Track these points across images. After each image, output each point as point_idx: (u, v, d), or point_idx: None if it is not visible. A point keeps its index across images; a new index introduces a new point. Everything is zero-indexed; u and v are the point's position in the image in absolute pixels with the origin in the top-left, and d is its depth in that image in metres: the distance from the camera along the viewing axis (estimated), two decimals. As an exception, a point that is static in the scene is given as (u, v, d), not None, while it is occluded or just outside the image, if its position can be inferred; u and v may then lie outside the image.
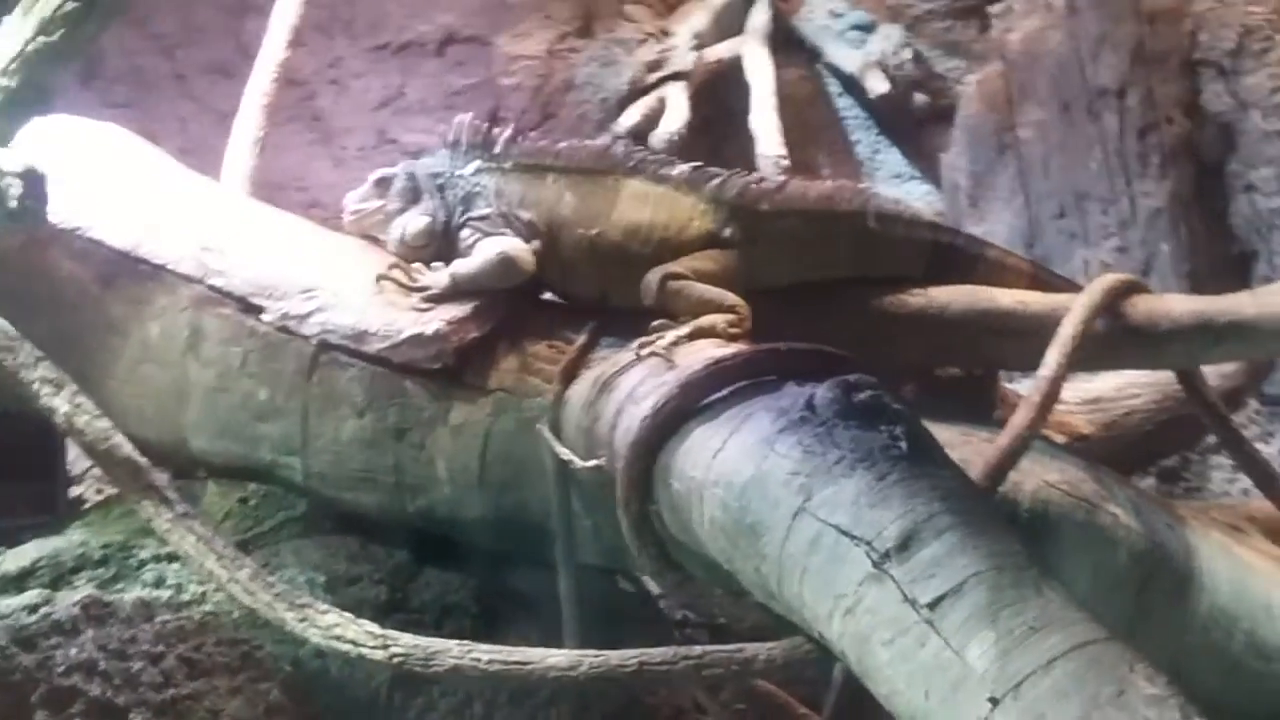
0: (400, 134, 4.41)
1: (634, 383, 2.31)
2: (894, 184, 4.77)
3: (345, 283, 2.56)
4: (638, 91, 4.37)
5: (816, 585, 1.71)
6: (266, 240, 2.67)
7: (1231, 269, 3.72)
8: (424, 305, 2.51)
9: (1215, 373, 2.82)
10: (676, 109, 4.28)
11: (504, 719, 2.54)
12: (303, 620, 2.07)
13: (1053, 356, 2.43)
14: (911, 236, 2.67)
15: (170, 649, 2.27)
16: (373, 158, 4.36)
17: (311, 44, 4.19)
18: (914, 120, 4.66)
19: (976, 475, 2.29)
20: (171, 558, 2.40)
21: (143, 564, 2.43)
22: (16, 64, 1.88)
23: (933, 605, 1.55)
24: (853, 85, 4.71)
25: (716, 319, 2.45)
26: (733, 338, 2.44)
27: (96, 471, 3.16)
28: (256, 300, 2.54)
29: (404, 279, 2.56)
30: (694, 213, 2.57)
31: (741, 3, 4.69)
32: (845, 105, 4.78)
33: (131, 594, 2.34)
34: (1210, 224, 3.78)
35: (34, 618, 2.24)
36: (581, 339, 2.51)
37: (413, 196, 2.64)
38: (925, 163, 4.66)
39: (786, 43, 4.71)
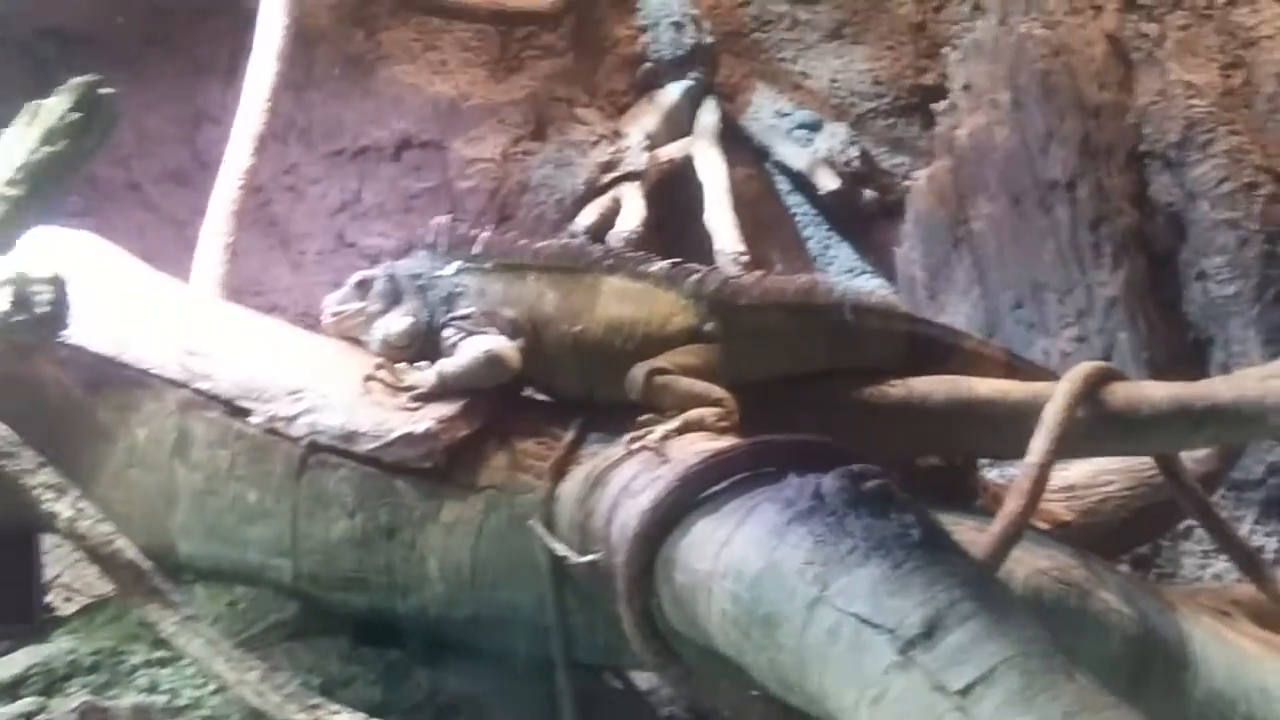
0: (358, 238, 4.42)
1: (628, 477, 2.32)
2: (846, 279, 4.85)
3: (331, 384, 2.56)
4: (593, 192, 4.42)
5: (839, 675, 1.71)
6: (250, 343, 2.66)
7: (1188, 356, 3.81)
8: (412, 405, 2.51)
9: (1189, 458, 2.90)
10: (632, 208, 4.34)
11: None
12: (312, 723, 2.05)
13: (1039, 444, 2.48)
14: (888, 328, 2.73)
15: (168, 752, 2.23)
16: (331, 261, 4.37)
17: (268, 150, 4.21)
18: (863, 216, 4.75)
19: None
20: (163, 663, 2.36)
21: (135, 670, 2.39)
22: (22, 174, 1.89)
23: (964, 692, 1.57)
24: (801, 182, 4.80)
25: (705, 412, 2.47)
26: (722, 431, 2.46)
27: (65, 579, 3.12)
28: (244, 403, 2.53)
29: (390, 379, 2.55)
30: (674, 308, 2.61)
31: (690, 104, 4.78)
32: (795, 202, 4.87)
33: (127, 699, 2.29)
34: (1165, 312, 3.88)
35: (31, 732, 2.19)
36: (570, 435, 2.52)
37: (394, 298, 2.65)
38: (876, 257, 4.74)
39: (735, 141, 4.80)
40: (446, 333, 2.60)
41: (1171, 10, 4.05)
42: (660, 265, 2.66)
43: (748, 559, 1.92)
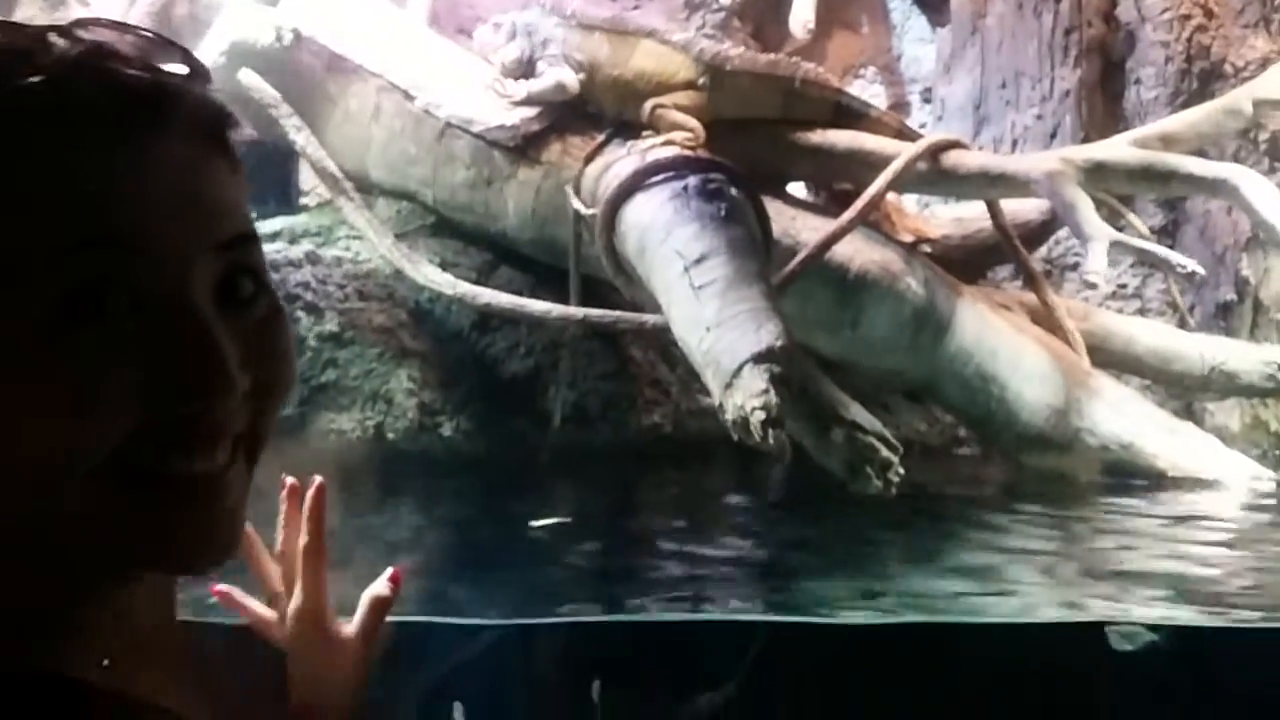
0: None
1: (621, 167, 3.95)
2: (919, 44, 6.16)
3: (466, 86, 4.24)
4: (718, -44, 5.85)
5: (661, 279, 3.38)
6: (424, 54, 4.35)
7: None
8: (509, 107, 4.17)
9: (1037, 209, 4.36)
10: (743, -26, 5.76)
11: (538, 358, 4.28)
12: (416, 269, 3.84)
13: (878, 181, 3.98)
14: (823, 96, 4.21)
15: (348, 282, 4.07)
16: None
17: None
18: (938, -5, 6.03)
19: (813, 246, 3.91)
20: (353, 237, 4.17)
21: (338, 238, 4.20)
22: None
23: (700, 288, 3.21)
24: (893, -40, 6.09)
25: (681, 136, 4.04)
26: (690, 149, 4.03)
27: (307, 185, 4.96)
28: (412, 92, 4.23)
29: (500, 89, 4.21)
30: (681, 66, 4.13)
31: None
32: (888, -23, 6.18)
33: (332, 252, 4.13)
34: (1108, 106, 5.17)
35: (280, 256, 4.04)
36: (601, 137, 4.14)
37: (513, 35, 4.26)
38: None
39: (845, -80, 6.10)
40: (540, 65, 4.22)
41: None
42: (680, 35, 4.19)
43: (643, 218, 3.58)
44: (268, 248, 3.55)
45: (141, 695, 0.84)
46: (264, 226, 4.20)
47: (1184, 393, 4.48)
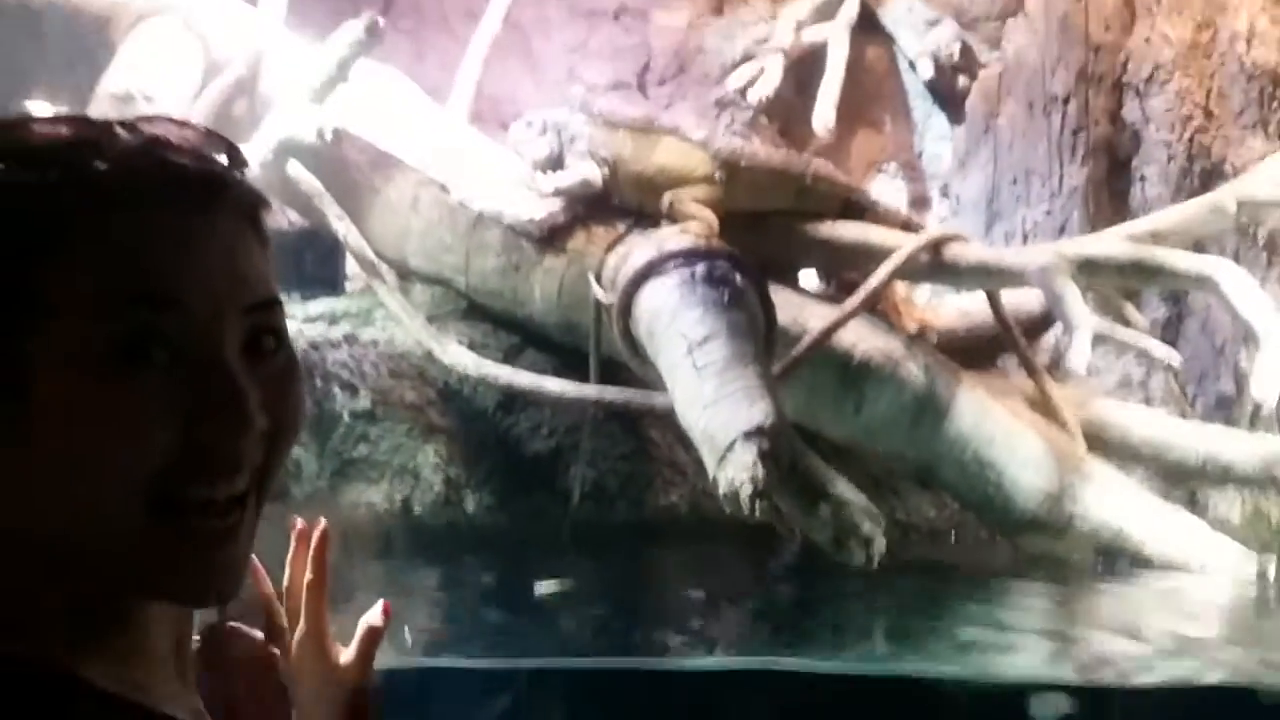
0: (583, 73, 6.32)
1: (637, 255, 4.22)
2: (939, 142, 6.45)
3: (497, 180, 4.53)
4: (747, 59, 6.17)
5: (667, 358, 3.63)
6: (460, 149, 4.66)
7: (1122, 234, 5.32)
8: (538, 199, 4.46)
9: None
10: (770, 76, 6.06)
11: (559, 439, 4.53)
12: (443, 350, 4.11)
13: (880, 272, 4.22)
14: (833, 191, 4.47)
15: (382, 362, 4.35)
16: (562, 87, 6.30)
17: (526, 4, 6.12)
18: (958, 96, 6.31)
19: (817, 333, 4.14)
20: (389, 320, 4.46)
21: (376, 320, 4.49)
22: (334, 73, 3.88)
23: (702, 368, 3.45)
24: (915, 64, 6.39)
25: (695, 225, 4.31)
26: (705, 239, 4.30)
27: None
28: (448, 185, 4.54)
29: (529, 182, 4.50)
30: (699, 162, 4.40)
31: (838, -4, 6.38)
32: (911, 79, 6.47)
33: (369, 334, 4.41)
34: (1115, 202, 5.39)
35: (320, 337, 4.33)
36: (623, 228, 4.41)
37: (544, 132, 4.56)
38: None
39: (874, 29, 6.41)
40: (567, 159, 4.50)
41: (1175, -26, 5.41)
42: (699, 133, 4.47)
43: (654, 303, 3.84)
44: (310, 329, 3.88)
45: (154, 706, 0.96)
46: (309, 308, 4.50)
47: (1181, 482, 4.64)
